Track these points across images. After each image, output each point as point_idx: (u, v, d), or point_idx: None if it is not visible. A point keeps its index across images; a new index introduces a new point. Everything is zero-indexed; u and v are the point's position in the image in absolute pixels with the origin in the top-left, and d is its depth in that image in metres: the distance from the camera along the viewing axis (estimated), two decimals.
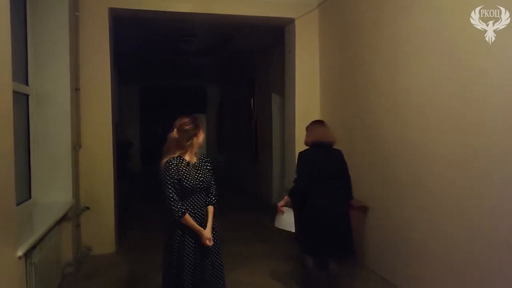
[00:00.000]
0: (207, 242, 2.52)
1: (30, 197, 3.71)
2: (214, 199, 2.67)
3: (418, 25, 3.21)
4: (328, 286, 3.21)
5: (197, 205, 2.57)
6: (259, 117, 8.07)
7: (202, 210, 2.59)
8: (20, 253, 2.40)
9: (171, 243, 2.56)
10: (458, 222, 2.82)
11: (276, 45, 6.41)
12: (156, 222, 5.73)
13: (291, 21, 5.13)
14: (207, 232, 2.54)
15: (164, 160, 2.51)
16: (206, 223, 2.58)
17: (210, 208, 2.64)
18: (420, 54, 3.20)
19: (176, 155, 2.53)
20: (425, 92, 3.15)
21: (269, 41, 6.77)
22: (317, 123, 3.43)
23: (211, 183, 2.65)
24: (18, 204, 3.13)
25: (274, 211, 3.54)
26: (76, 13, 4.23)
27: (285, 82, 5.51)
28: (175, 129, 2.55)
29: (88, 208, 4.39)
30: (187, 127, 2.53)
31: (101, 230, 4.49)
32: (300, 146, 5.09)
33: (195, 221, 2.52)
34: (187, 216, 2.48)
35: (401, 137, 3.46)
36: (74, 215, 4.07)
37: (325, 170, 3.17)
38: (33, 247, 2.72)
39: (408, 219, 3.36)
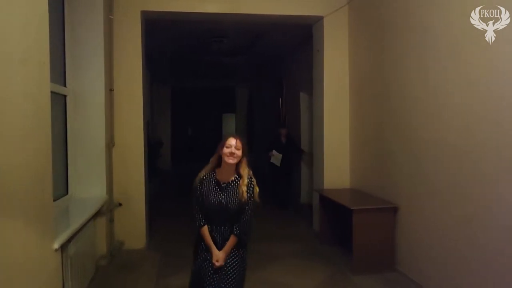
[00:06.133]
0: (215, 262, 2.37)
1: (67, 192, 3.89)
2: (237, 230, 2.36)
3: (455, 23, 3.07)
4: None
5: (213, 227, 2.43)
6: (288, 116, 8.04)
7: (220, 235, 2.41)
8: (56, 245, 2.51)
9: (196, 251, 2.53)
10: (497, 227, 2.69)
11: (304, 44, 6.36)
12: (185, 220, 5.86)
13: (319, 19, 5.08)
14: (218, 253, 2.38)
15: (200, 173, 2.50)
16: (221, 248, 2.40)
17: (232, 238, 2.38)
18: (456, 53, 3.06)
19: (209, 170, 2.48)
20: (462, 93, 3.00)
21: (297, 40, 6.73)
22: None
23: (242, 210, 2.37)
24: (56, 199, 3.30)
25: (303, 211, 3.50)
26: (110, 16, 4.39)
27: (313, 81, 5.47)
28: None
29: (120, 204, 4.54)
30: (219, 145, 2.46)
31: (133, 226, 4.64)
32: (328, 145, 5.07)
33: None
34: (204, 229, 2.43)
35: (435, 137, 3.34)
36: (107, 210, 4.22)
37: None
38: (68, 240, 2.84)
39: (442, 221, 3.25)
